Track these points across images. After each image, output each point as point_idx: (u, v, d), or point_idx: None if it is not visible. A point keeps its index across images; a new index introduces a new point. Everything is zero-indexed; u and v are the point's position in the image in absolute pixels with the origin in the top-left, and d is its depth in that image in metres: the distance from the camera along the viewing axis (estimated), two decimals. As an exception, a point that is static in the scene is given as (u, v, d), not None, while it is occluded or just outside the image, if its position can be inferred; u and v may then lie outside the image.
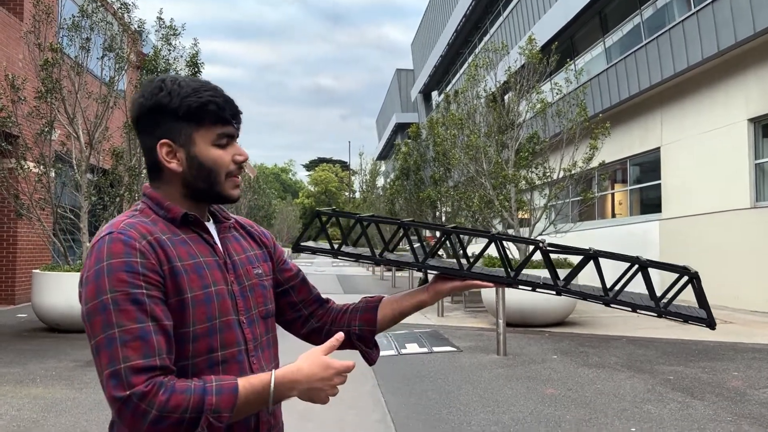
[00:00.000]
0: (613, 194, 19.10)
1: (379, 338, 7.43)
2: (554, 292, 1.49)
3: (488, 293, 10.02)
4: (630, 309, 1.48)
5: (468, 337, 9.28)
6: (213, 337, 1.27)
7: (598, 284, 1.56)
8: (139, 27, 11.61)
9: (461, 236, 1.67)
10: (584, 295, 1.50)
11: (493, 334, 8.69)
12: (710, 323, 1.45)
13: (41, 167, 9.65)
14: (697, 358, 7.48)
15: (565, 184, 11.26)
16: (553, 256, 1.57)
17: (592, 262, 1.51)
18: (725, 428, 4.81)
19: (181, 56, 11.78)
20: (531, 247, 1.55)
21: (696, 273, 1.48)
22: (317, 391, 1.25)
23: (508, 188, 11.30)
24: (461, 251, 1.56)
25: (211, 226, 1.39)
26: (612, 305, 1.48)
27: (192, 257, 1.29)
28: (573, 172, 11.12)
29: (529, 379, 6.47)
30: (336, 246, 1.60)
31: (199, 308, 1.26)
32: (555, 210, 11.69)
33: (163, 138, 1.31)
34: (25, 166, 9.79)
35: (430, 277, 1.58)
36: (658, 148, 15.51)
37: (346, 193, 69.68)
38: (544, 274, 1.77)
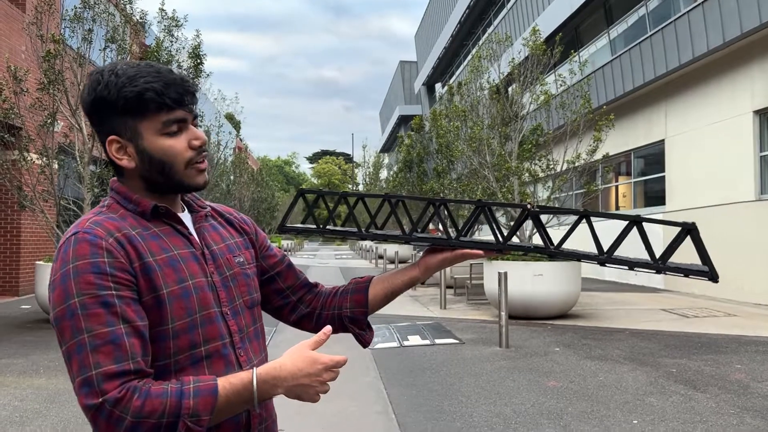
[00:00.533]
0: (617, 187, 19.05)
1: (381, 330, 7.48)
2: (546, 255, 1.44)
3: (491, 285, 10.01)
4: (626, 267, 1.42)
5: (470, 329, 9.28)
6: (194, 333, 1.21)
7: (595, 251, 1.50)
8: (141, 18, 11.58)
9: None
10: (578, 255, 1.45)
11: (495, 327, 8.68)
12: (712, 276, 1.38)
13: (44, 159, 9.65)
14: (701, 350, 7.46)
15: (568, 176, 11.22)
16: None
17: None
18: (728, 421, 4.80)
19: (183, 48, 11.76)
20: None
21: (693, 224, 1.41)
22: (304, 387, 1.19)
23: (511, 180, 11.27)
24: (449, 221, 1.52)
25: (185, 217, 1.34)
26: (607, 264, 1.42)
27: (165, 251, 1.23)
28: (577, 164, 11.08)
29: (532, 372, 6.46)
30: (321, 225, 1.56)
31: (177, 303, 1.20)
32: (559, 202, 11.66)
33: (111, 134, 1.24)
34: (28, 158, 9.79)
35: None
36: (663, 141, 15.44)
37: (350, 186, 69.63)
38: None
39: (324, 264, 26.26)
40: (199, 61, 12.01)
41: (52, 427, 4.64)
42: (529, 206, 1.42)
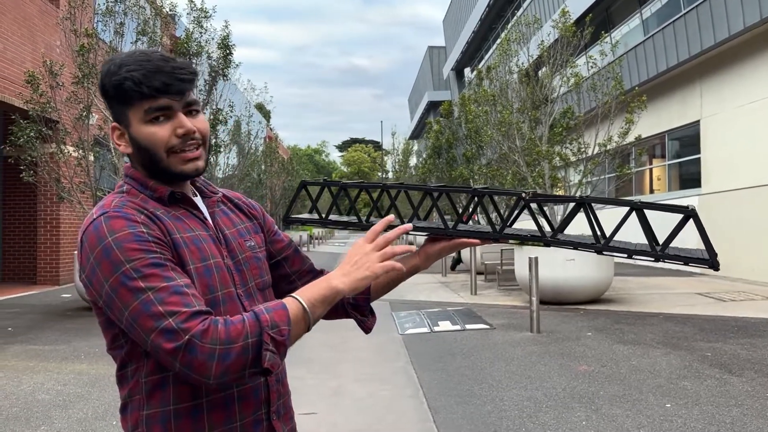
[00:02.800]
0: (650, 169, 18.70)
1: (412, 316, 7.52)
2: (542, 244, 1.44)
3: (522, 270, 9.96)
4: (625, 255, 1.40)
5: (501, 314, 9.26)
6: (216, 310, 1.23)
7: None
8: (170, 10, 11.72)
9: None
10: (574, 244, 1.44)
11: (526, 312, 8.65)
12: (712, 264, 1.33)
13: (80, 151, 9.88)
14: (736, 334, 7.34)
15: (600, 159, 11.06)
16: (588, 233, 1.51)
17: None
18: (764, 404, 4.73)
19: (213, 39, 11.88)
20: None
21: (693, 209, 1.37)
22: (357, 269, 1.24)
23: (542, 165, 11.15)
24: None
25: (199, 202, 1.36)
26: (605, 252, 1.41)
27: (188, 231, 1.27)
28: (609, 147, 10.91)
29: (563, 356, 6.44)
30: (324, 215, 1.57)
31: (200, 280, 1.23)
32: (591, 186, 11.51)
33: (114, 121, 1.30)
34: (65, 151, 10.03)
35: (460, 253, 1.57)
36: (698, 122, 15.10)
37: (379, 173, 69.67)
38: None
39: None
40: (228, 51, 12.11)
41: (93, 411, 4.80)
42: (524, 195, 1.42)
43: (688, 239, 1.53)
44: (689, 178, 16.10)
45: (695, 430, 4.25)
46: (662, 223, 1.41)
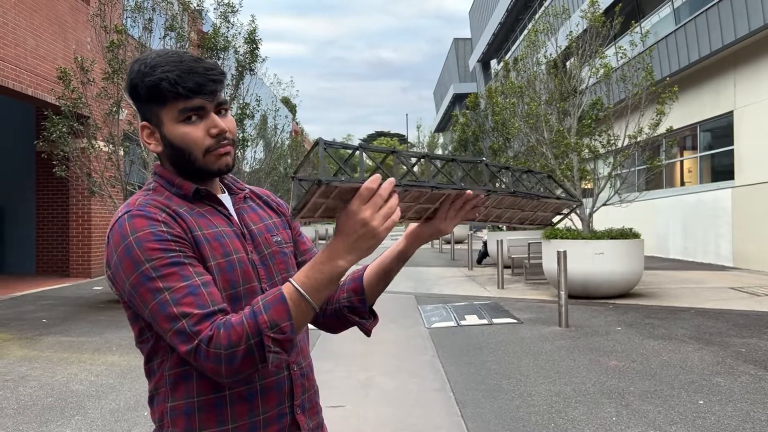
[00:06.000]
0: (682, 161, 18.36)
1: (438, 310, 7.50)
2: (485, 192, 1.40)
3: (549, 264, 9.86)
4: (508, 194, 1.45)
5: (529, 309, 9.19)
6: (238, 305, 1.25)
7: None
8: (198, 5, 11.81)
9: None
10: (506, 192, 1.47)
11: (554, 306, 8.57)
12: (578, 201, 1.45)
13: (111, 146, 10.03)
14: (772, 330, 7.17)
15: (630, 151, 10.88)
16: (617, 227, 1.51)
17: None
18: (801, 402, 4.61)
19: (239, 33, 11.94)
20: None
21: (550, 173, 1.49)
22: (361, 239, 1.14)
23: (570, 157, 11.01)
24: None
25: (225, 198, 1.39)
26: (491, 192, 1.40)
27: (211, 227, 1.29)
28: (639, 139, 10.72)
29: (592, 351, 6.36)
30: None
31: (223, 276, 1.25)
32: (620, 179, 11.33)
33: (143, 120, 1.31)
34: (96, 146, 10.19)
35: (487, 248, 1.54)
36: (731, 112, 14.76)
37: (404, 167, 69.52)
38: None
39: (382, 246, 26.36)
40: (255, 46, 12.17)
41: (125, 401, 4.88)
42: (483, 160, 1.46)
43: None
44: (722, 170, 15.76)
45: (729, 427, 4.17)
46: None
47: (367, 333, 1.53)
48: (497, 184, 1.56)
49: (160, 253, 1.18)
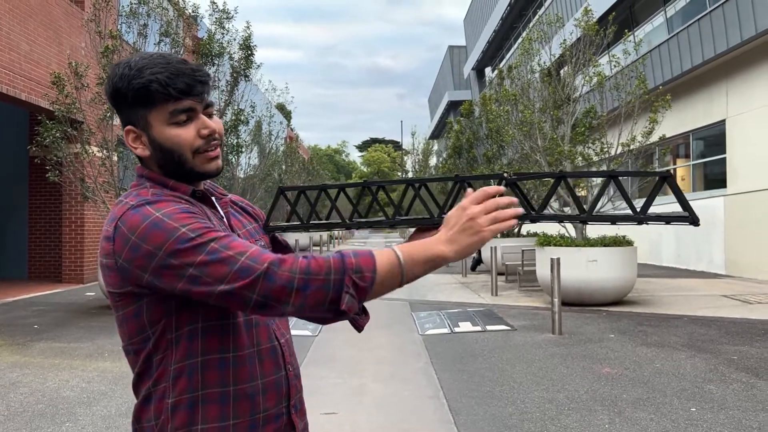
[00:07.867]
0: (674, 169, 18.45)
1: (432, 317, 7.48)
2: (528, 221, 1.42)
3: (543, 271, 9.88)
4: (609, 222, 1.41)
5: (522, 316, 9.20)
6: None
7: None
8: (193, 12, 11.83)
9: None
10: (559, 217, 1.43)
11: (548, 313, 8.58)
12: (693, 220, 1.36)
13: (104, 151, 10.01)
14: (764, 337, 7.20)
15: (623, 159, 10.93)
16: (611, 234, 1.51)
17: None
18: (793, 410, 4.63)
19: (234, 39, 11.96)
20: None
21: (668, 171, 1.41)
22: (465, 234, 1.17)
23: (564, 165, 11.05)
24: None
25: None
26: (590, 222, 1.42)
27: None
28: (632, 147, 10.77)
29: (585, 358, 6.37)
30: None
31: None
32: (612, 186, 11.37)
33: (128, 124, 1.29)
34: (90, 151, 10.17)
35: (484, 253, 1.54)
36: (723, 121, 14.86)
37: (399, 173, 69.64)
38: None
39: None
40: (249, 52, 12.19)
41: (117, 408, 4.85)
42: (505, 174, 1.42)
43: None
44: (714, 178, 15.85)
45: (721, 434, 4.18)
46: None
47: (359, 329, 1.55)
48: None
49: (194, 219, 1.17)
